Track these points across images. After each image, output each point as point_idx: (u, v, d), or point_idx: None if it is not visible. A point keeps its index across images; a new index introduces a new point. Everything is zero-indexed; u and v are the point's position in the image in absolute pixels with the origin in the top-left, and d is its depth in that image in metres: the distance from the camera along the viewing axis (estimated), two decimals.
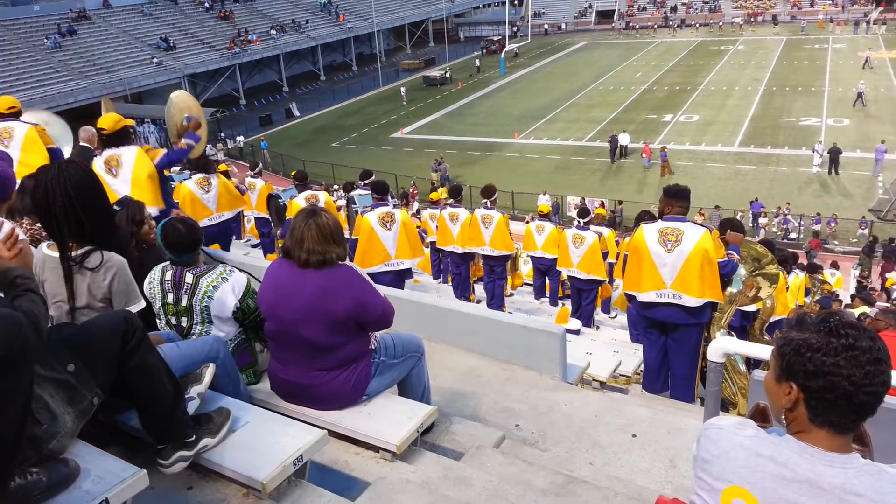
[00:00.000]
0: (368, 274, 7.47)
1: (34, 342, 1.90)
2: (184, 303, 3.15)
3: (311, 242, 2.87)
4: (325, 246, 2.89)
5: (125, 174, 5.31)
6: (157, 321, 3.27)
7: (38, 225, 3.18)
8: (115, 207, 3.51)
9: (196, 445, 2.55)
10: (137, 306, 2.86)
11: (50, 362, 2.16)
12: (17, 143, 5.48)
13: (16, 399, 1.87)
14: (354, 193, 9.10)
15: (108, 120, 5.36)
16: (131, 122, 5.64)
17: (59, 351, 2.21)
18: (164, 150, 5.61)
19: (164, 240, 3.17)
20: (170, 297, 3.17)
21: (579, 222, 9.69)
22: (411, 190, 26.29)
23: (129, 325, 2.40)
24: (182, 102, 6.08)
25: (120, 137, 5.38)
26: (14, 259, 2.30)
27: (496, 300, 9.91)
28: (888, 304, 12.23)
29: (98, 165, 5.33)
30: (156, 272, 3.23)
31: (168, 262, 3.25)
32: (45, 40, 38.82)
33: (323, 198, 10.24)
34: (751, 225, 21.38)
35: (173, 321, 3.21)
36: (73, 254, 2.77)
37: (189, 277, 3.15)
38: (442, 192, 13.71)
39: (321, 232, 2.88)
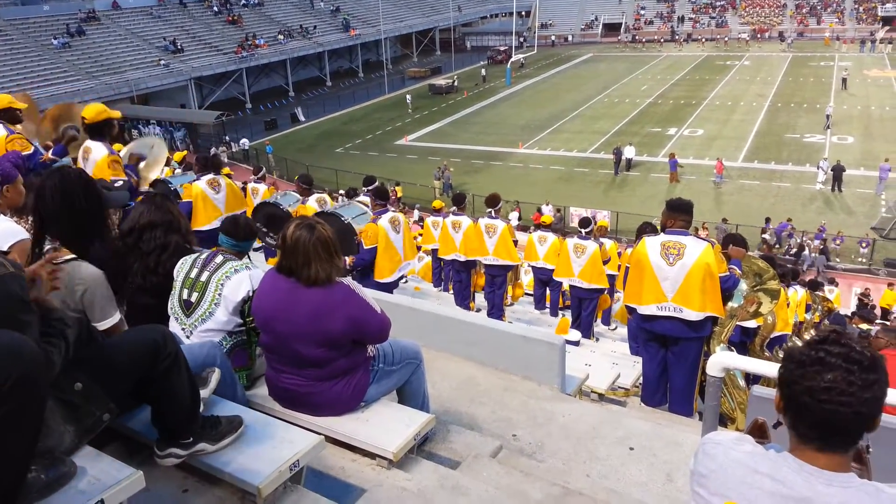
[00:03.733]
0: (388, 283, 7.48)
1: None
2: (203, 278, 3.27)
3: (317, 263, 2.83)
4: (330, 264, 2.86)
5: (88, 168, 5.32)
6: (171, 299, 3.33)
7: None
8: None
9: (191, 448, 2.55)
10: (112, 320, 2.80)
11: (55, 381, 2.14)
12: None
13: (26, 422, 1.86)
14: (339, 208, 8.27)
15: (92, 110, 5.42)
16: (117, 114, 5.61)
17: (66, 369, 2.21)
18: (125, 178, 5.39)
19: (221, 226, 3.55)
20: (194, 273, 3.30)
21: (581, 232, 9.71)
22: (391, 196, 26.19)
23: (162, 347, 2.41)
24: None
25: (100, 127, 5.39)
26: (51, 281, 2.38)
27: (496, 310, 9.89)
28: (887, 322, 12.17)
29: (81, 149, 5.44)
30: (195, 254, 3.41)
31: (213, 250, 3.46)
32: (54, 40, 39.02)
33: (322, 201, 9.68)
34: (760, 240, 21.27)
35: (185, 295, 3.28)
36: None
37: (219, 258, 3.33)
38: (438, 204, 13.48)
39: (326, 249, 2.85)
